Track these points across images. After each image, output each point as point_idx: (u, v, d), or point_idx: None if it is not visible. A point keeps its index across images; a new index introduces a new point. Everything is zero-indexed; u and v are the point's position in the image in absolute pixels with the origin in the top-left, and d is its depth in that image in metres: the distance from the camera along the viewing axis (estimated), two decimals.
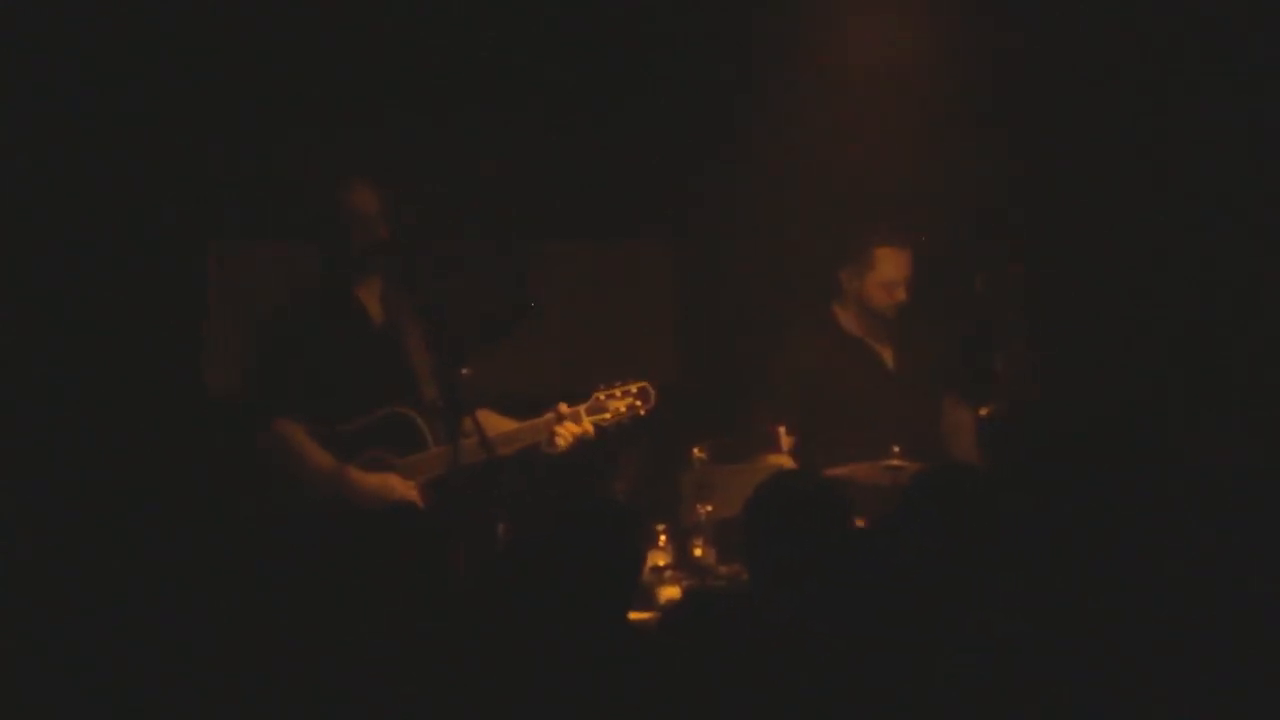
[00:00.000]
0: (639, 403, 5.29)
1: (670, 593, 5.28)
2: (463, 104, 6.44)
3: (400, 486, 5.10)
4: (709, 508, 5.57)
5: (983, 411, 5.50)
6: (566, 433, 5.21)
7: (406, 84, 6.36)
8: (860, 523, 5.17)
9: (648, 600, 5.11)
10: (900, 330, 5.90)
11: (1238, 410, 5.96)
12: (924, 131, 6.30)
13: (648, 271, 6.90)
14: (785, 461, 5.69)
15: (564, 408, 5.22)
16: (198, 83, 6.13)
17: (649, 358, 6.63)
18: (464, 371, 4.96)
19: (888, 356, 5.93)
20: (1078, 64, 6.31)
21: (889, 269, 5.80)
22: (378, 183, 5.27)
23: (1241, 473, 4.02)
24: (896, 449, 5.46)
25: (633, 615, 4.13)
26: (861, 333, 5.91)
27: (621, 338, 5.31)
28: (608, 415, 5.25)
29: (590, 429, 5.24)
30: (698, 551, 5.54)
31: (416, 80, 6.37)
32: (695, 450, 5.69)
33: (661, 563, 5.47)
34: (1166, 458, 4.47)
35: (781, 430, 5.80)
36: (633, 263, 6.89)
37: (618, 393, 5.28)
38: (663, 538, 5.56)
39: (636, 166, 6.62)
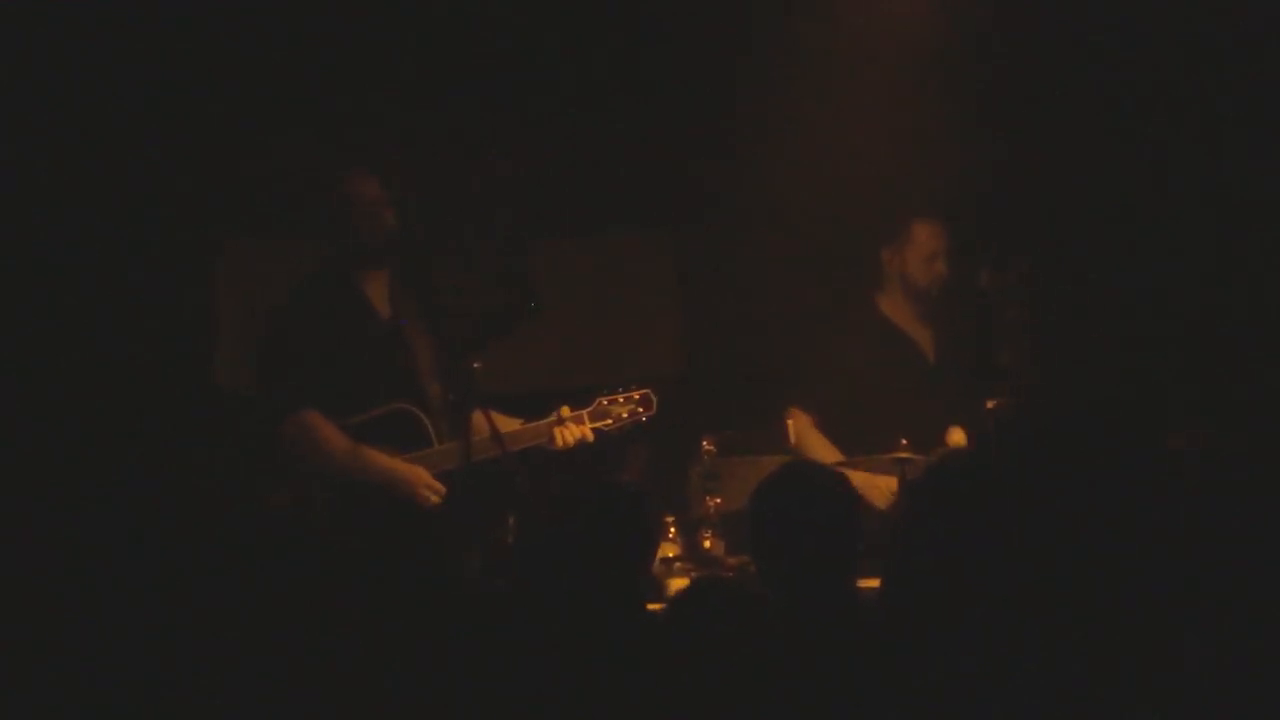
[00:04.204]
0: (641, 409, 5.38)
1: (680, 584, 5.31)
2: (464, 101, 6.45)
3: (427, 477, 5.14)
4: (718, 500, 5.63)
5: (988, 405, 5.51)
6: (568, 435, 5.26)
7: (410, 82, 6.37)
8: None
9: (658, 592, 5.14)
10: (942, 314, 5.92)
11: (1238, 408, 5.97)
12: (927, 124, 6.31)
13: (654, 265, 6.93)
14: (816, 452, 5.70)
15: (566, 411, 5.28)
16: (207, 81, 6.15)
17: (657, 351, 6.67)
18: (475, 365, 5.00)
19: (928, 346, 5.95)
20: (1082, 59, 6.32)
21: (927, 240, 5.87)
22: (379, 173, 5.30)
23: (1240, 470, 4.04)
24: (904, 440, 5.46)
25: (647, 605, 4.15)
26: (903, 321, 5.94)
27: (629, 331, 5.35)
28: (609, 421, 5.33)
29: (590, 434, 5.30)
30: (707, 543, 5.59)
31: (419, 78, 6.38)
32: (704, 443, 5.74)
33: (671, 554, 5.52)
34: (1166, 454, 4.48)
35: (790, 424, 5.82)
36: (638, 256, 6.92)
37: (620, 399, 5.36)
38: (672, 530, 5.61)
39: (639, 160, 6.64)
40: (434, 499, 5.12)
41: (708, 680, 3.60)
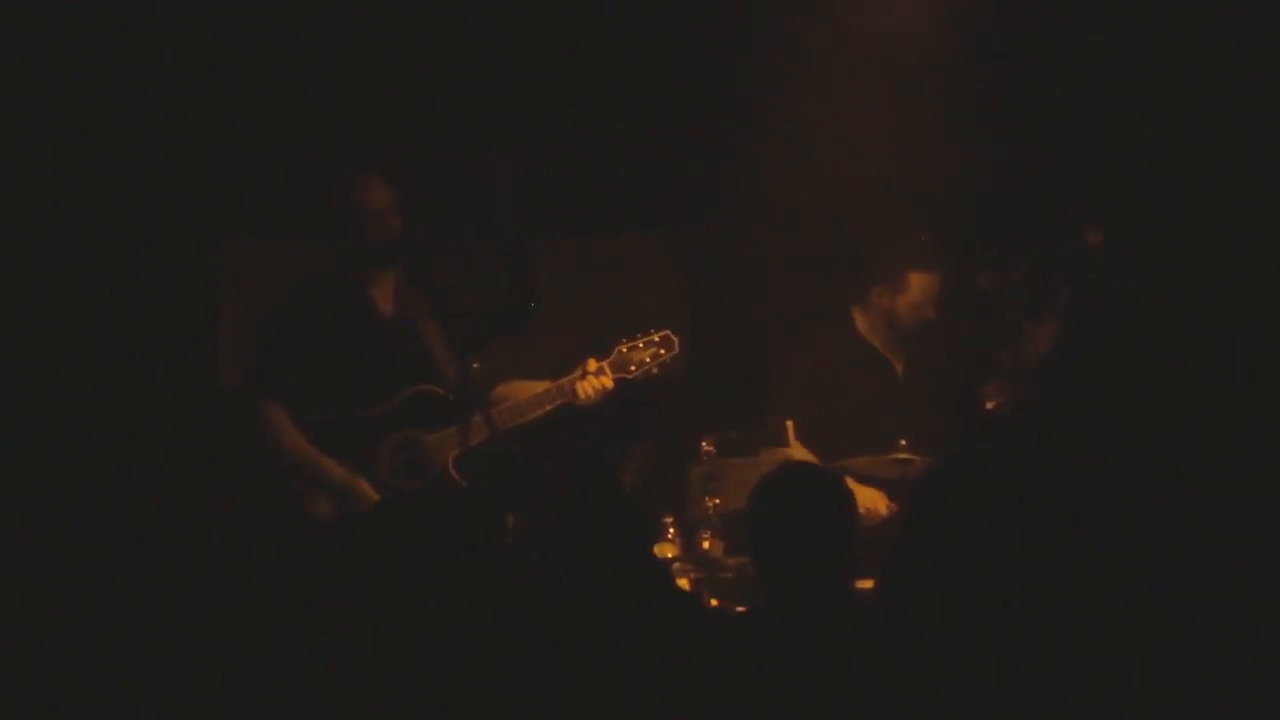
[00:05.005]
0: (663, 351, 5.34)
1: (679, 584, 5.30)
2: (463, 101, 6.45)
3: (369, 496, 5.15)
4: (717, 500, 5.62)
5: (988, 406, 5.52)
6: (588, 388, 5.26)
7: (410, 82, 6.37)
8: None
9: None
10: (915, 351, 5.95)
11: (1238, 408, 5.97)
12: (927, 124, 6.31)
13: (654, 265, 6.93)
14: (795, 454, 5.72)
15: (593, 364, 5.28)
16: (208, 81, 6.15)
17: None
18: (474, 365, 5.03)
19: (898, 365, 5.98)
20: (1082, 59, 6.32)
21: (920, 292, 5.86)
22: (388, 179, 5.32)
23: (1240, 470, 4.04)
24: (903, 441, 5.48)
25: None
26: (877, 340, 5.96)
27: (629, 333, 5.34)
28: (632, 368, 5.30)
29: (609, 383, 5.27)
30: (706, 544, 5.58)
31: (419, 78, 6.38)
32: (704, 443, 5.73)
33: (670, 555, 5.51)
34: (1166, 454, 4.48)
35: (790, 424, 5.82)
36: (638, 256, 6.92)
37: (640, 344, 5.33)
38: (671, 530, 5.60)
39: (639, 160, 6.64)
40: None
41: (708, 680, 3.61)
